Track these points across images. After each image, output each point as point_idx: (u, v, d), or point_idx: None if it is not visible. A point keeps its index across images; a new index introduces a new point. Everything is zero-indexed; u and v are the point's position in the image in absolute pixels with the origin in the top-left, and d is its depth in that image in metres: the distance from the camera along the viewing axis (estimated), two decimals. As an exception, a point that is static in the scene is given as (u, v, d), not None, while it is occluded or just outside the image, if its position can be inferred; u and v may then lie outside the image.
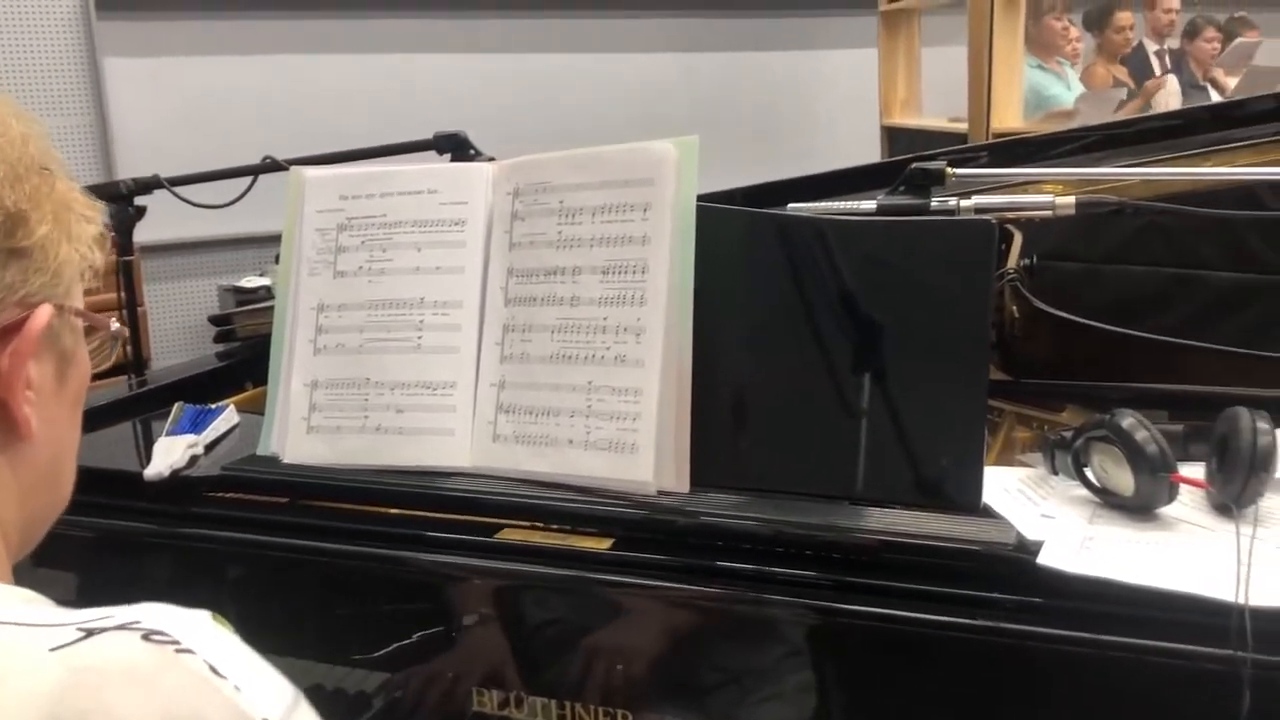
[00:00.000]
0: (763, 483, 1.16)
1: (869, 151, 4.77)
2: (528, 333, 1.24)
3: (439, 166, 1.37)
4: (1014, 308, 2.04)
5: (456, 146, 1.61)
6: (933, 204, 1.34)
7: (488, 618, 1.18)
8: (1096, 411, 1.59)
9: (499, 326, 1.26)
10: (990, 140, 3.52)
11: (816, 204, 1.39)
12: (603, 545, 1.14)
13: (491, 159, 1.47)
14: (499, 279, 1.27)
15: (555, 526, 1.18)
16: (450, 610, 1.20)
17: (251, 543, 1.27)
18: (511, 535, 1.17)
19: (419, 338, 1.29)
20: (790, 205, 1.40)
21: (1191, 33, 5.20)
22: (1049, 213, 1.32)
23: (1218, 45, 5.20)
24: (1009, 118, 3.76)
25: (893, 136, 4.72)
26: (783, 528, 1.09)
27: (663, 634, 1.12)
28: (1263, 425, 1.04)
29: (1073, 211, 1.29)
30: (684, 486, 1.14)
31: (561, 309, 1.21)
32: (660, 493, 1.14)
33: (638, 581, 1.11)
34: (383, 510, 1.26)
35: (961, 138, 3.87)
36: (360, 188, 1.36)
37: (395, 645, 1.22)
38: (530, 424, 1.22)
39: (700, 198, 1.52)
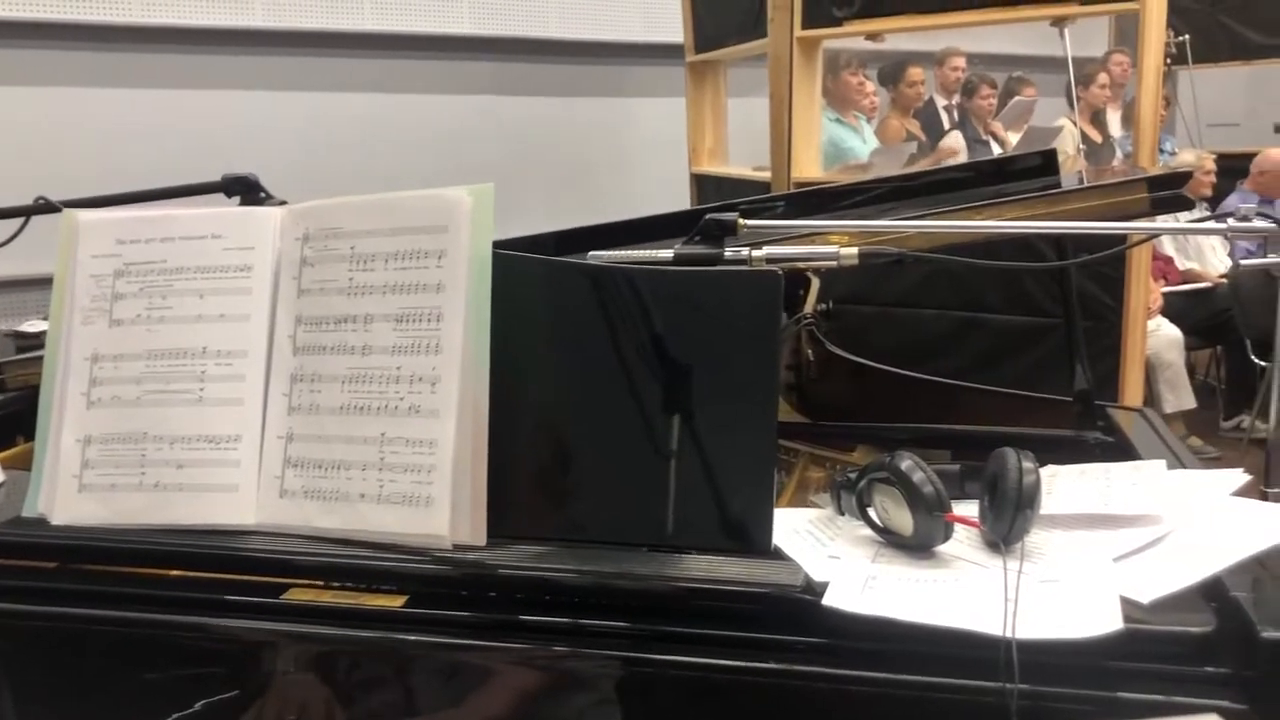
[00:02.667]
0: (560, 532, 1.15)
1: (680, 197, 4.87)
2: (317, 383, 1.20)
3: (224, 210, 1.32)
4: (810, 351, 2.12)
5: (246, 189, 1.55)
6: (726, 254, 1.37)
7: (276, 683, 1.12)
8: (885, 451, 1.66)
9: (286, 377, 1.22)
10: (791, 190, 3.65)
11: (615, 252, 1.40)
12: (396, 603, 1.11)
13: (283, 203, 1.42)
14: (287, 327, 1.23)
15: (345, 585, 1.14)
16: (235, 676, 1.14)
17: (17, 613, 1.18)
18: (299, 595, 1.13)
19: (201, 389, 1.23)
20: (590, 254, 1.41)
21: (969, 90, 5.55)
22: (835, 263, 1.36)
23: (994, 101, 5.57)
24: (808, 168, 3.90)
25: (701, 184, 4.84)
26: (577, 578, 1.09)
27: (461, 691, 1.10)
28: (1028, 465, 1.10)
29: (856, 262, 1.34)
30: (480, 539, 1.12)
31: (353, 358, 1.18)
32: (456, 546, 1.12)
33: (433, 639, 1.08)
34: (161, 573, 1.19)
35: (765, 186, 4.00)
36: (139, 232, 1.29)
37: (178, 716, 1.15)
38: (320, 478, 1.18)
39: (511, 243, 1.52)
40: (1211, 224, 1.31)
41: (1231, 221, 1.28)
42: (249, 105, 4.82)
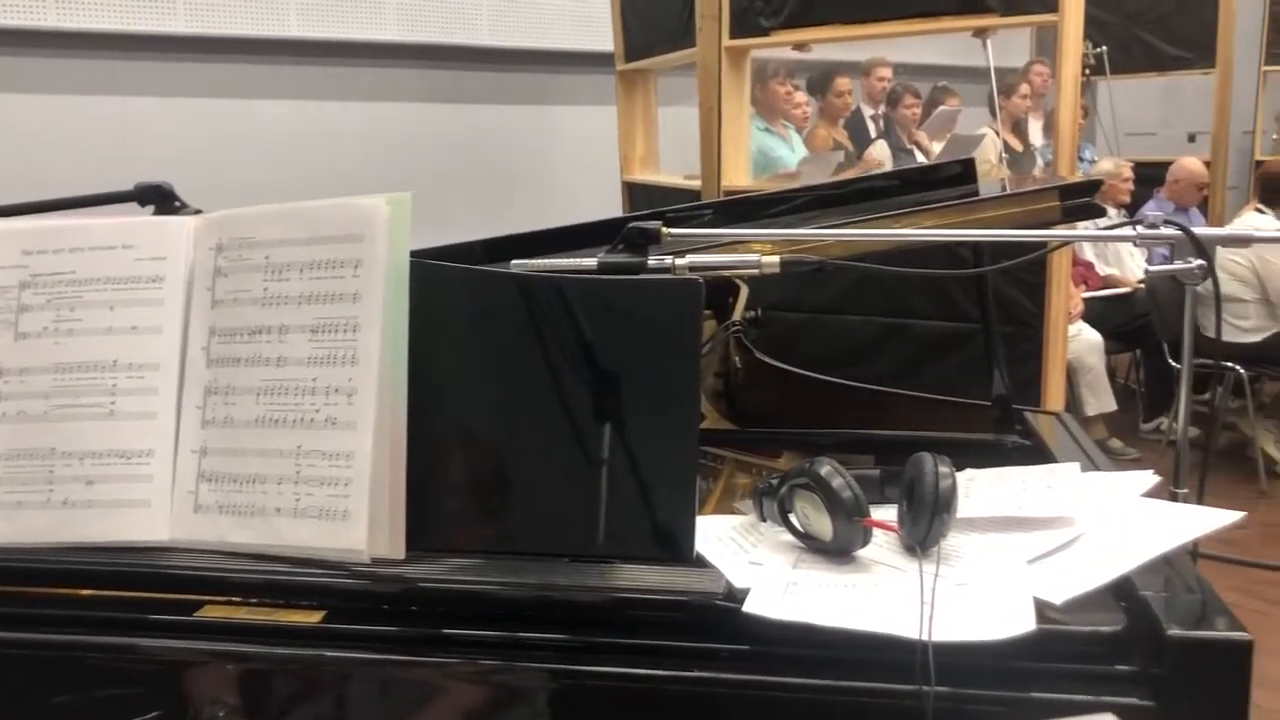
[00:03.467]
0: (482, 544, 1.14)
1: (611, 205, 4.87)
2: (231, 395, 1.17)
3: (135, 220, 1.29)
4: (737, 358, 2.13)
5: (160, 198, 1.52)
6: (650, 262, 1.37)
7: (193, 703, 1.10)
8: (810, 457, 1.67)
9: (200, 389, 1.19)
10: (721, 198, 3.67)
11: (538, 261, 1.39)
12: (314, 619, 1.09)
13: (198, 212, 1.39)
14: (200, 339, 1.20)
15: (264, 601, 1.12)
16: (151, 697, 1.11)
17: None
18: (213, 612, 1.10)
19: (111, 403, 1.20)
20: (513, 262, 1.40)
21: (894, 100, 5.64)
22: (756, 271, 1.37)
23: (917, 111, 5.66)
24: (738, 177, 3.93)
25: (633, 192, 4.85)
26: (497, 590, 1.08)
27: (383, 708, 1.08)
28: (944, 469, 1.12)
29: (778, 270, 1.35)
30: (399, 553, 1.10)
31: (268, 370, 1.16)
32: (375, 560, 1.10)
33: (352, 655, 1.06)
34: (72, 592, 1.16)
35: (696, 194, 4.01)
36: (46, 242, 1.26)
37: (91, 739, 1.12)
38: (235, 492, 1.15)
39: (439, 251, 1.51)
40: (1122, 230, 1.34)
41: (1140, 228, 1.31)
42: (168, 112, 4.72)
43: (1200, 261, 1.27)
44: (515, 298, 1.18)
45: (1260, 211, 4.35)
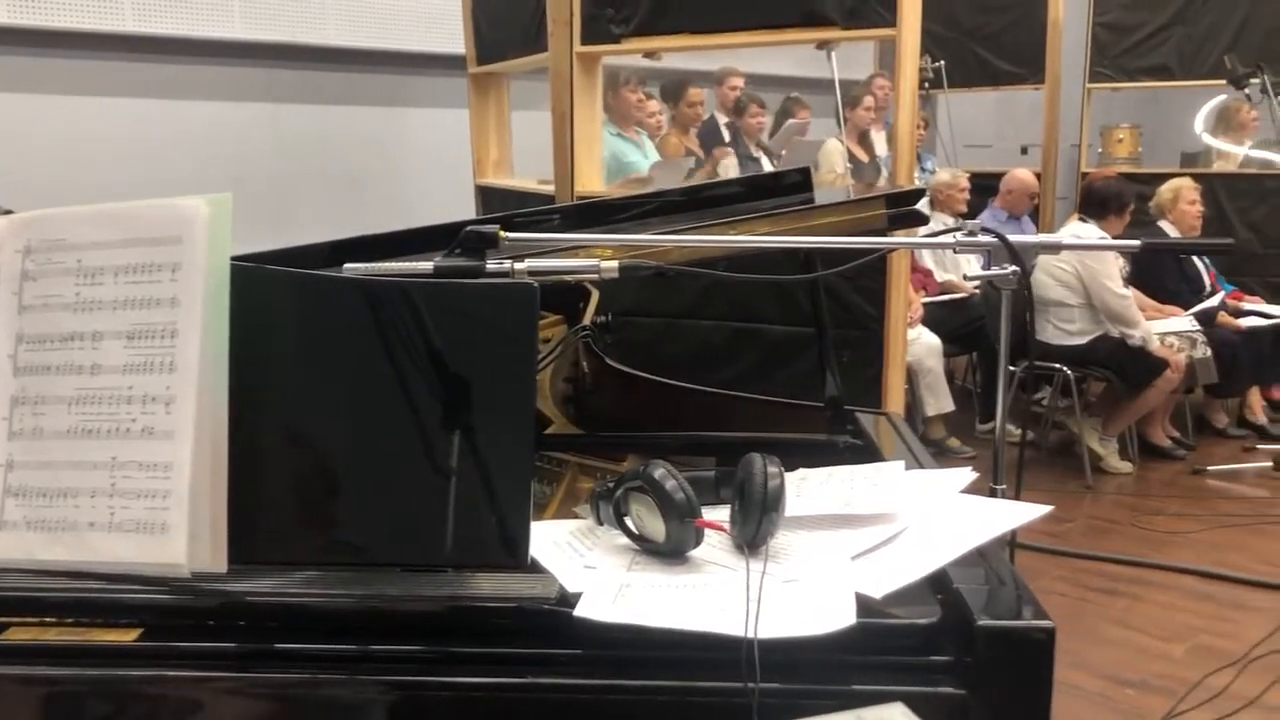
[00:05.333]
0: (310, 555, 1.12)
1: (465, 209, 4.83)
2: (41, 405, 1.11)
3: (-66, 220, 1.21)
4: (585, 363, 2.13)
5: (-34, 198, 1.43)
6: (489, 266, 1.36)
7: (-2, 730, 1.04)
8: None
9: (7, 400, 1.13)
10: (570, 202, 3.68)
11: (372, 265, 1.37)
12: (129, 637, 1.04)
13: (8, 212, 1.32)
14: (6, 346, 1.14)
15: (79, 620, 1.07)
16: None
17: None
18: (19, 635, 1.04)
19: (-94, 415, 1.12)
20: (346, 266, 1.37)
21: (740, 109, 5.75)
22: (596, 276, 1.38)
23: (763, 120, 5.79)
24: (591, 182, 3.94)
25: (486, 196, 4.82)
26: (323, 602, 1.05)
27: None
28: (773, 469, 1.15)
29: (616, 275, 1.36)
30: (221, 566, 1.06)
31: (80, 378, 1.11)
32: (195, 575, 1.06)
33: (168, 674, 1.02)
34: None
35: (550, 199, 4.01)
36: None
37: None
38: (44, 507, 1.09)
39: (282, 253, 1.46)
40: (943, 238, 1.40)
41: (959, 236, 1.37)
42: (-10, 108, 4.47)
43: (1014, 268, 1.33)
44: (346, 302, 1.16)
45: (1083, 221, 4.59)
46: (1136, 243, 1.47)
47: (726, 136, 5.77)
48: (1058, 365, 4.54)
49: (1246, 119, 6.12)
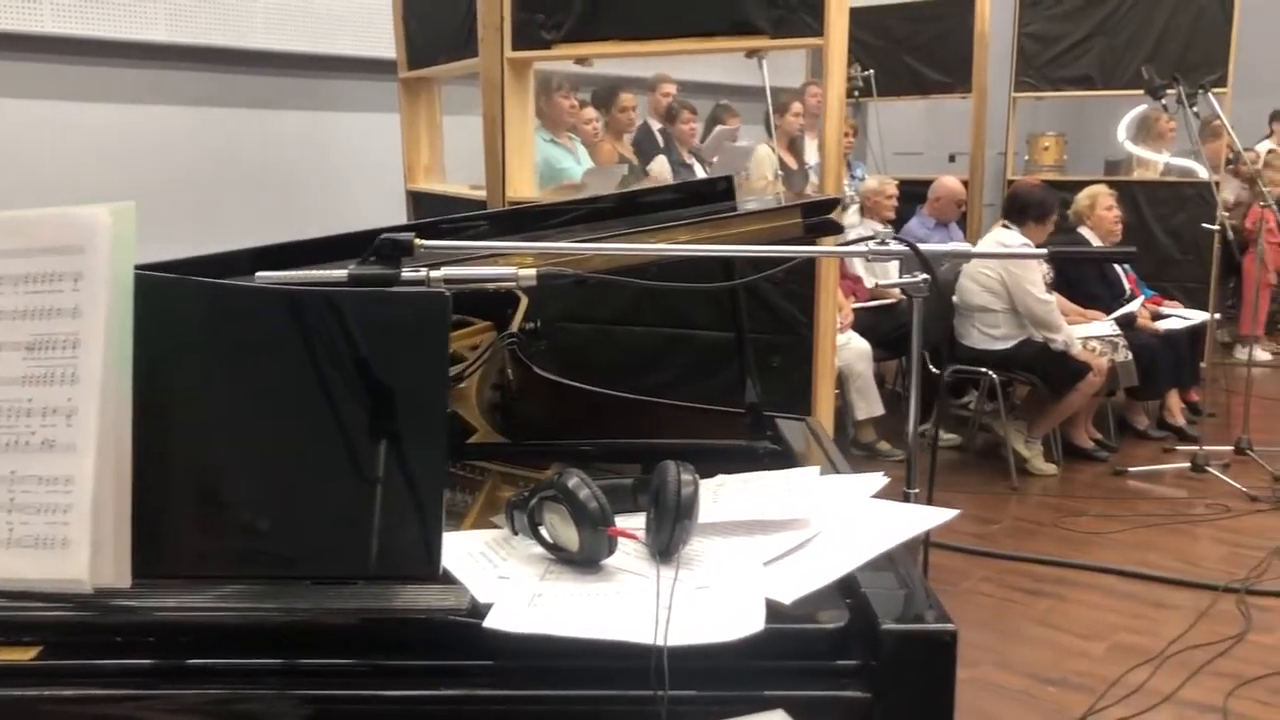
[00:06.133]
0: (219, 569, 1.10)
1: (397, 215, 4.79)
2: (-65, 419, 1.08)
3: None
4: (510, 371, 2.13)
5: None
6: (404, 274, 1.35)
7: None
8: (580, 468, 1.68)
9: (-101, 413, 1.10)
10: (496, 209, 3.67)
11: (285, 273, 1.35)
12: (27, 655, 1.02)
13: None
14: (-100, 358, 1.11)
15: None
16: None
17: None
18: (-91, 656, 1.02)
19: None
20: (257, 274, 1.35)
21: (672, 116, 5.78)
22: (514, 284, 1.38)
23: (694, 126, 5.83)
24: (523, 188, 3.93)
25: (418, 201, 4.78)
26: (230, 617, 1.04)
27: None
28: (687, 476, 1.15)
29: (534, 283, 1.36)
30: (125, 581, 1.04)
31: (-23, 391, 1.08)
32: (98, 590, 1.04)
33: (67, 693, 1.00)
34: None
35: (482, 204, 4.00)
36: None
37: None
38: (-61, 524, 1.06)
39: (201, 260, 1.44)
40: (857, 246, 1.42)
41: (872, 244, 1.39)
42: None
43: (925, 276, 1.35)
44: (256, 310, 1.14)
45: (1006, 227, 4.67)
46: (1044, 251, 1.50)
47: (660, 143, 5.80)
48: (983, 369, 4.62)
49: (1165, 128, 6.30)
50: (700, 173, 5.38)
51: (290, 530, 1.10)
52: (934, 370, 4.76)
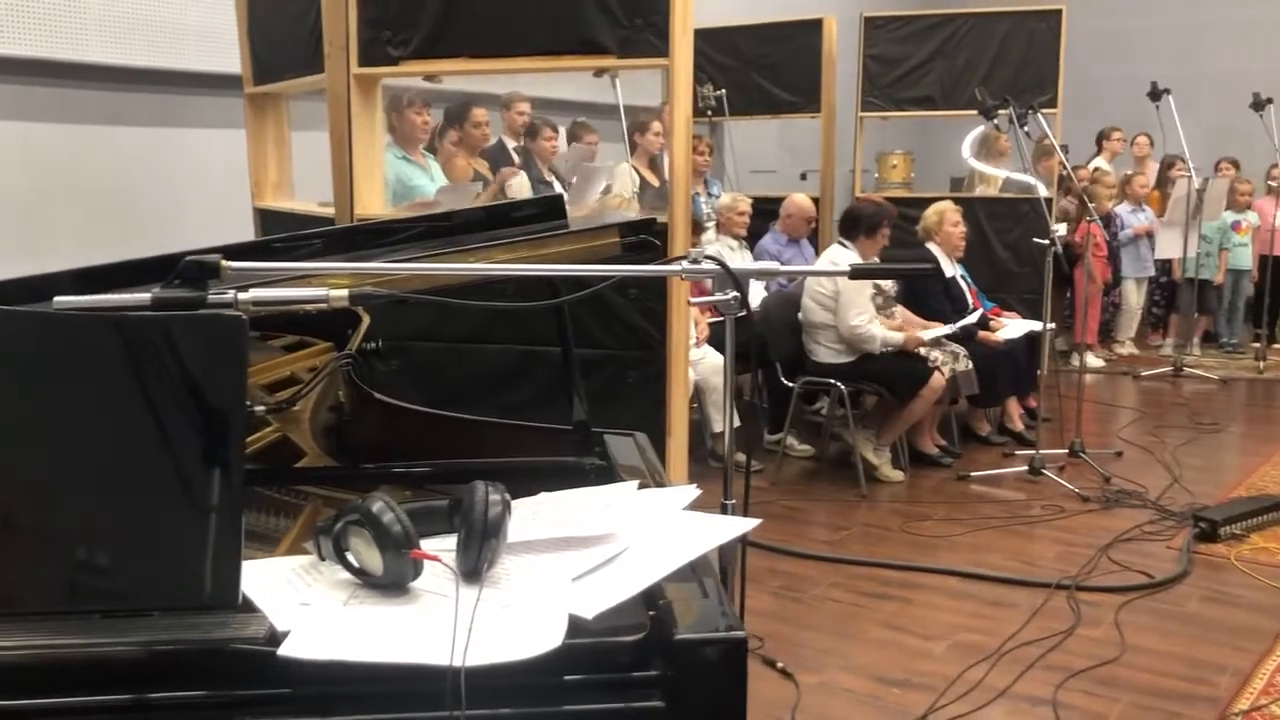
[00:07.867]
0: (7, 605, 1.05)
1: (244, 233, 4.67)
2: None
3: None
4: (341, 393, 2.10)
5: None
6: (210, 297, 1.33)
7: None
8: (410, 490, 1.67)
9: None
10: (326, 228, 3.61)
11: (85, 298, 1.31)
12: None
13: None
14: None
15: None
16: None
17: None
18: None
19: None
20: (55, 299, 1.31)
21: (533, 133, 5.79)
22: (325, 305, 1.36)
23: (556, 143, 5.85)
24: (372, 204, 3.88)
25: (265, 219, 4.66)
26: (13, 655, 0.99)
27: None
28: (494, 496, 1.16)
29: (346, 304, 1.35)
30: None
31: None
32: None
33: None
34: None
35: (331, 222, 3.93)
36: None
37: None
38: None
39: (18, 283, 1.38)
40: (671, 266, 1.45)
41: (685, 264, 1.42)
42: None
43: (735, 293, 1.39)
44: (50, 336, 1.11)
45: (842, 245, 4.81)
46: (846, 269, 1.56)
47: (516, 160, 5.79)
48: (831, 380, 4.74)
49: (1004, 146, 6.60)
50: (560, 189, 5.39)
51: (79, 563, 1.07)
52: (785, 383, 4.88)
